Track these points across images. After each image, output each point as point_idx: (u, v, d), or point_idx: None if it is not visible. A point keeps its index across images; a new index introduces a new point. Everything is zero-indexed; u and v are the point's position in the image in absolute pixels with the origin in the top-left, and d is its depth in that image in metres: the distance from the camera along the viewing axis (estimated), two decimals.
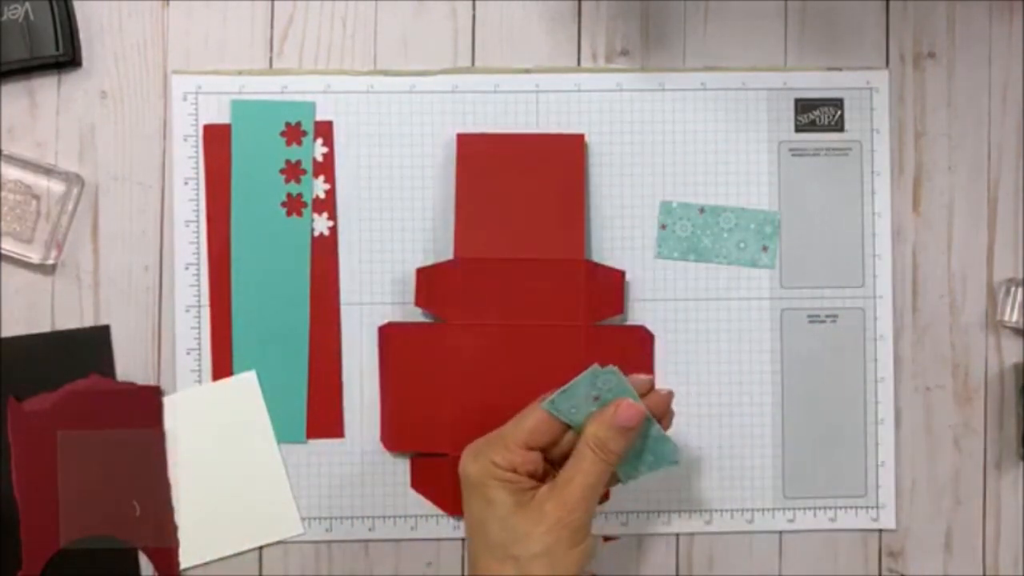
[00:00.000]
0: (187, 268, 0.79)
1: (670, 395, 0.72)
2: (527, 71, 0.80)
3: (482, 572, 0.69)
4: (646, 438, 0.71)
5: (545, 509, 0.68)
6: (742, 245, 0.80)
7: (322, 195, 0.80)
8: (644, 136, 0.80)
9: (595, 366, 0.70)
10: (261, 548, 0.79)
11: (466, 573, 0.70)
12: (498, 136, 0.80)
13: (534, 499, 0.68)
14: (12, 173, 0.78)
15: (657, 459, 0.72)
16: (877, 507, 0.81)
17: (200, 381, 0.79)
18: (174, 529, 0.78)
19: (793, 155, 0.81)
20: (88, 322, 0.79)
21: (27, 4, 0.78)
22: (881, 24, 0.81)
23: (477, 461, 0.70)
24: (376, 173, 0.80)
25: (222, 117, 0.80)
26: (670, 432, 0.72)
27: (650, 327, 0.80)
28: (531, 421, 0.70)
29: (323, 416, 0.79)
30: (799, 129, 0.81)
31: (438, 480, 0.79)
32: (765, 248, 0.80)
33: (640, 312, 0.80)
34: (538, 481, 0.70)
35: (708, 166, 0.81)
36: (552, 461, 0.71)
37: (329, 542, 0.80)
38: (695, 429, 0.80)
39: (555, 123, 0.80)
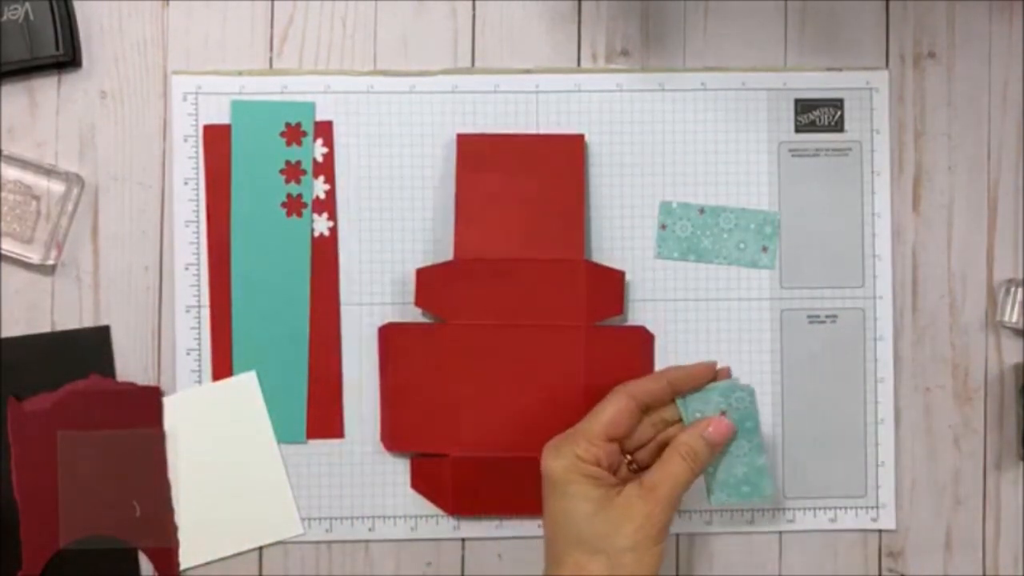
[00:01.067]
0: (187, 268, 0.79)
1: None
2: (527, 71, 0.80)
3: (569, 566, 0.70)
4: (750, 467, 0.74)
5: (634, 507, 0.70)
6: (742, 245, 0.80)
7: (322, 195, 0.80)
8: (644, 136, 0.80)
9: (735, 380, 0.74)
10: (261, 548, 0.79)
11: (542, 570, 0.72)
12: (498, 136, 0.80)
13: (620, 496, 0.71)
14: (12, 173, 0.78)
15: (753, 490, 0.75)
16: (877, 507, 0.81)
17: (200, 381, 0.79)
18: (174, 529, 0.78)
19: (793, 155, 0.81)
20: (88, 322, 0.79)
21: (27, 4, 0.78)
22: (881, 24, 0.81)
23: (560, 457, 0.71)
24: (376, 173, 0.80)
25: (222, 117, 0.80)
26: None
27: (650, 327, 0.80)
28: (610, 413, 0.72)
29: (323, 416, 0.79)
30: (799, 129, 0.81)
31: (438, 480, 0.79)
32: (765, 248, 0.80)
33: (640, 312, 0.80)
34: (614, 475, 0.72)
35: (708, 166, 0.81)
36: (626, 452, 0.74)
37: (329, 542, 0.80)
38: None
39: (555, 123, 0.80)
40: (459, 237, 0.79)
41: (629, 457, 0.74)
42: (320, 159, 0.80)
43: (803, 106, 0.81)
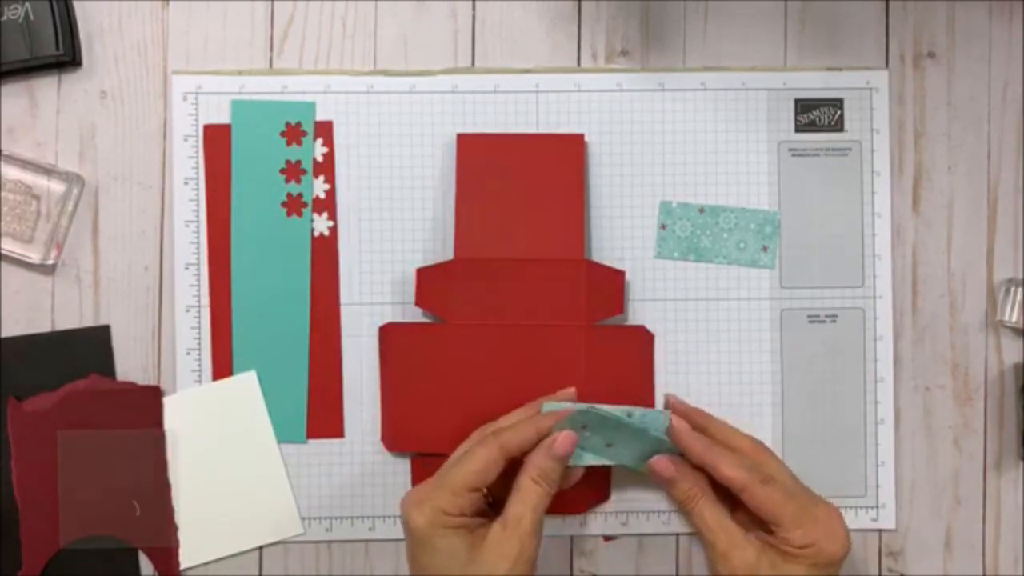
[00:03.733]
0: (187, 268, 0.79)
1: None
2: (527, 71, 0.80)
3: None
4: (636, 445, 0.74)
5: (504, 547, 0.69)
6: (742, 245, 0.80)
7: (322, 195, 0.80)
8: (644, 136, 0.80)
9: (573, 410, 0.72)
10: (261, 548, 0.79)
11: None
12: (498, 136, 0.80)
13: (487, 540, 0.69)
14: (12, 173, 0.79)
15: (620, 460, 0.74)
16: (877, 507, 0.81)
17: (200, 381, 0.79)
18: (174, 529, 0.78)
19: (793, 155, 0.81)
20: (88, 322, 0.79)
21: (27, 4, 0.78)
22: (881, 24, 0.82)
23: (423, 513, 0.69)
24: (376, 173, 0.80)
25: (222, 117, 0.80)
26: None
27: (650, 327, 0.80)
28: (477, 465, 0.70)
29: (323, 416, 0.79)
30: (799, 129, 0.81)
31: None
32: (765, 248, 0.80)
33: (640, 312, 0.80)
34: (482, 516, 0.71)
35: (708, 166, 0.81)
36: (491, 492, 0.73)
37: (329, 542, 0.80)
38: None
39: (555, 123, 0.80)
40: (459, 237, 0.79)
41: (485, 490, 0.72)
42: (320, 159, 0.80)
43: (803, 106, 0.81)
